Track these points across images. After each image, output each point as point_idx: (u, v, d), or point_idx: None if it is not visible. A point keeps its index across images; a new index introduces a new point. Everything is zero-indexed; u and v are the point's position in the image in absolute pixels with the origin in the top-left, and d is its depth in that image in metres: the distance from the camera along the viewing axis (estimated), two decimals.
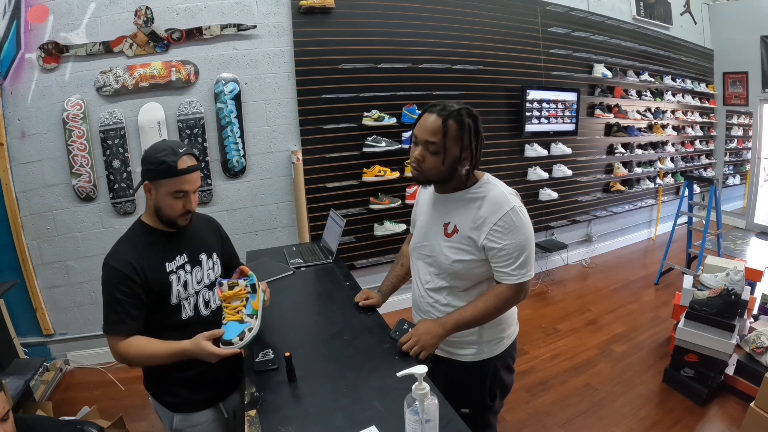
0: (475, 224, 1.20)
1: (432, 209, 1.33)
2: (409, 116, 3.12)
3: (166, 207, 1.21)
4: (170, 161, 1.16)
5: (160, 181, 1.19)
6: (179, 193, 1.20)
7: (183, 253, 1.29)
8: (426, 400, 0.90)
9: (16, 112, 2.49)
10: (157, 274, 1.22)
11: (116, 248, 1.22)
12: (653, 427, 2.14)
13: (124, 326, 1.17)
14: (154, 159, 1.17)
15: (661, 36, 4.68)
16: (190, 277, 1.29)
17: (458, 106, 1.18)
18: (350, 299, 1.71)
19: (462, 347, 1.33)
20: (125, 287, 1.16)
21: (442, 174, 1.21)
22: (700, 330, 2.26)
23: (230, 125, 2.79)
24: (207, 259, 1.36)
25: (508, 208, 1.18)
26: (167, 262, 1.25)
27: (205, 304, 1.33)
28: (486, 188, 1.24)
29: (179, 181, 1.18)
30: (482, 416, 1.37)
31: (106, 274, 1.17)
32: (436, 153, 1.18)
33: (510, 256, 1.19)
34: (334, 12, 2.87)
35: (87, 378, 2.67)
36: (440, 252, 1.27)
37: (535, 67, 3.74)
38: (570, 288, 3.83)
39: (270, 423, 1.05)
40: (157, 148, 1.20)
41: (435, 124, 1.16)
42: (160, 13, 2.57)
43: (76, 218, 2.65)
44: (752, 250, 4.80)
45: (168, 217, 1.23)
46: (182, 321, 1.27)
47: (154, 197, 1.22)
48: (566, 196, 4.07)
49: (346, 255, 3.14)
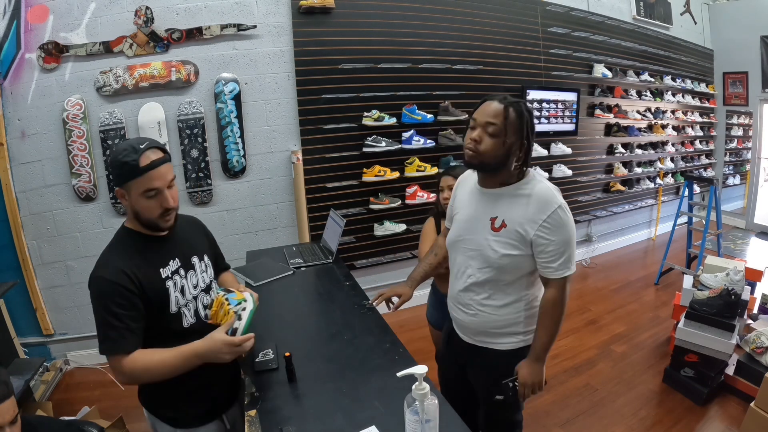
0: (524, 220, 1.23)
1: (476, 203, 1.35)
2: (409, 116, 3.12)
3: (143, 210, 1.12)
4: (131, 160, 1.07)
5: (128, 184, 1.09)
6: (150, 191, 1.10)
7: (175, 258, 1.22)
8: (426, 400, 0.90)
9: (16, 112, 2.48)
10: (154, 282, 1.14)
11: (104, 259, 1.12)
12: (653, 427, 2.14)
13: (126, 342, 1.07)
14: (116, 162, 1.09)
15: (661, 36, 4.68)
16: (185, 282, 1.22)
17: (517, 99, 1.23)
18: (350, 299, 1.71)
19: (503, 337, 1.36)
20: (122, 299, 1.07)
21: (497, 158, 1.22)
22: (700, 330, 2.26)
23: (230, 125, 2.79)
24: (199, 262, 1.30)
25: (556, 206, 1.21)
26: (161, 268, 1.17)
27: (204, 308, 1.28)
28: (533, 184, 1.26)
29: (146, 179, 1.09)
30: (515, 401, 1.41)
31: (97, 288, 1.07)
32: (494, 135, 1.20)
33: (557, 251, 1.23)
34: (334, 12, 2.86)
35: (87, 378, 2.67)
36: (487, 246, 1.28)
37: (535, 67, 3.74)
38: (570, 288, 3.82)
39: (270, 423, 1.05)
40: (117, 150, 1.11)
41: (497, 109, 1.20)
42: (160, 13, 2.57)
43: (76, 218, 2.65)
44: (752, 250, 4.80)
45: (148, 220, 1.14)
46: (184, 329, 1.19)
47: (128, 202, 1.13)
48: (566, 196, 3.96)
49: (346, 255, 3.13)
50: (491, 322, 1.34)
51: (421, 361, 1.08)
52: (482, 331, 1.37)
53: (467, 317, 1.39)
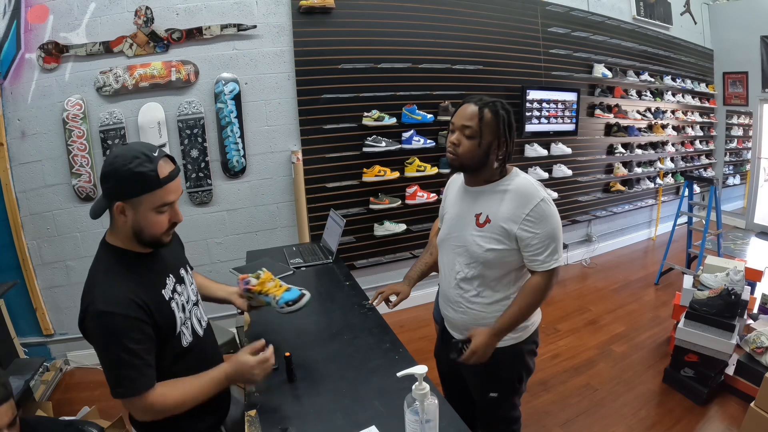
0: (508, 214, 1.25)
1: (462, 201, 1.38)
2: (409, 116, 3.12)
3: (150, 226, 1.00)
4: (148, 171, 0.94)
5: (140, 198, 0.96)
6: (165, 206, 1.00)
7: (169, 274, 1.11)
8: (426, 400, 0.90)
9: (16, 112, 2.48)
10: (161, 306, 1.04)
11: (104, 290, 0.97)
12: (653, 427, 2.14)
13: (148, 379, 0.97)
14: (126, 172, 0.94)
15: (661, 36, 4.68)
16: (182, 299, 1.12)
17: (493, 99, 1.28)
18: (350, 299, 1.72)
19: None
20: (138, 333, 0.96)
21: (476, 159, 1.27)
22: (700, 330, 2.26)
23: (230, 125, 2.79)
24: (186, 274, 1.20)
25: (539, 199, 1.24)
26: (162, 289, 1.06)
27: (198, 322, 1.18)
28: (515, 180, 1.30)
29: (164, 192, 0.98)
30: (509, 398, 1.44)
31: (108, 326, 0.94)
32: (471, 137, 1.25)
33: (542, 244, 1.25)
34: (334, 12, 2.86)
35: (87, 378, 2.66)
36: (473, 242, 1.31)
37: (535, 67, 3.74)
38: (570, 288, 3.83)
39: (270, 423, 1.05)
40: (125, 157, 0.95)
41: (472, 111, 1.26)
42: (160, 13, 2.57)
43: (76, 218, 2.65)
44: (752, 250, 4.80)
45: (152, 237, 1.02)
46: (183, 349, 1.10)
47: (131, 218, 0.99)
48: (566, 196, 4.06)
49: (346, 255, 3.13)
50: (480, 319, 1.36)
51: (421, 361, 1.08)
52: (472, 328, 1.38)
53: (457, 315, 1.41)
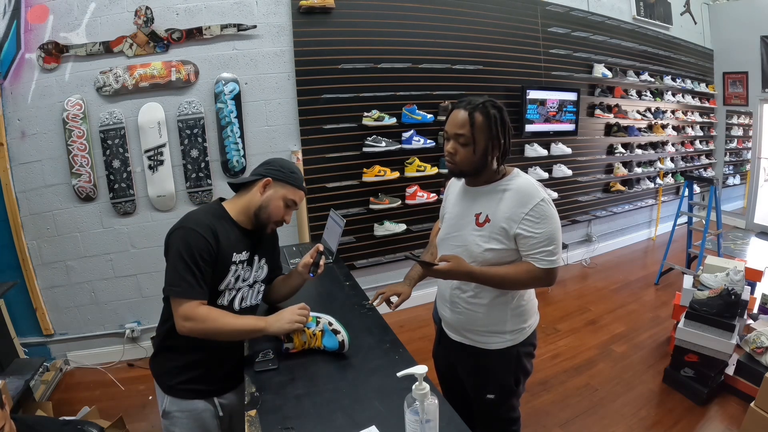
0: (507, 214, 1.25)
1: (462, 201, 1.38)
2: (409, 116, 3.12)
3: (273, 208, 1.31)
4: (299, 176, 1.36)
5: (285, 185, 1.32)
6: (292, 202, 1.34)
7: (247, 250, 1.34)
8: (426, 400, 0.90)
9: (16, 112, 2.48)
10: (224, 257, 1.25)
11: (197, 217, 1.24)
12: (653, 427, 2.14)
13: (200, 291, 1.19)
14: (286, 166, 1.34)
15: (661, 36, 4.68)
16: (242, 273, 1.34)
17: (483, 100, 1.25)
18: (350, 299, 1.71)
19: (488, 336, 1.38)
20: (207, 255, 1.19)
21: (474, 165, 1.27)
22: (700, 330, 2.26)
23: (230, 125, 2.79)
24: (258, 261, 1.40)
25: (539, 199, 1.23)
26: (234, 252, 1.29)
27: (240, 300, 1.36)
28: (516, 180, 1.29)
29: (299, 194, 1.36)
30: (507, 400, 1.43)
31: (187, 237, 1.18)
32: (465, 144, 1.25)
33: (540, 244, 1.24)
34: (334, 12, 2.86)
35: (87, 378, 2.66)
36: (472, 241, 1.31)
37: (535, 67, 3.74)
38: (570, 288, 3.83)
39: (270, 423, 1.05)
40: (285, 161, 1.38)
41: (462, 118, 1.24)
42: (160, 13, 2.57)
43: (76, 218, 2.65)
44: (752, 250, 4.80)
45: (267, 218, 1.32)
46: (217, 306, 1.28)
47: (266, 195, 1.31)
48: (566, 196, 4.07)
49: (346, 255, 3.13)
50: (477, 320, 1.36)
51: (421, 361, 1.08)
52: (469, 329, 1.40)
53: (454, 315, 1.41)
